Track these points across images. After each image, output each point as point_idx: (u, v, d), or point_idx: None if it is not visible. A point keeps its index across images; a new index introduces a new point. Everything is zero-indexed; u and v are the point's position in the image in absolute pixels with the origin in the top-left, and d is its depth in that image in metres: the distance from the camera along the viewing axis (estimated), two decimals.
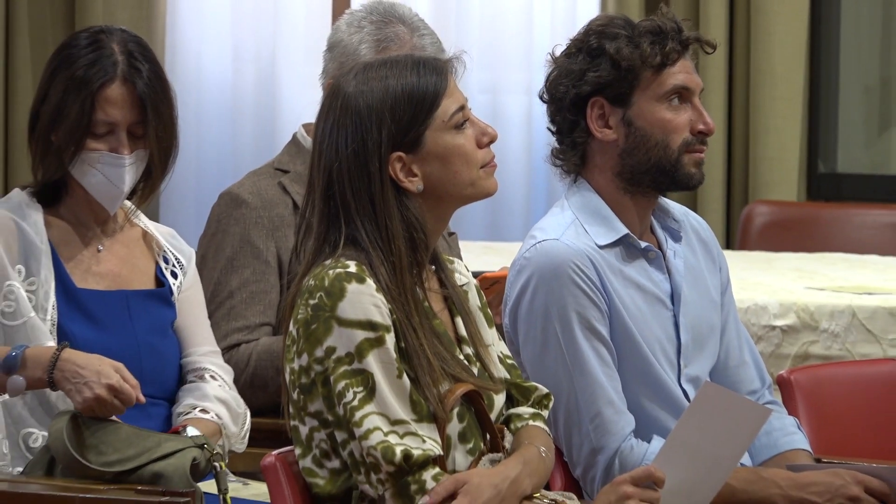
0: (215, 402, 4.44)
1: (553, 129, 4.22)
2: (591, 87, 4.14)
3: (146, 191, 4.50)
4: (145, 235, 4.51)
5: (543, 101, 4.23)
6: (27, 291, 4.33)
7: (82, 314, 4.37)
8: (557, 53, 4.22)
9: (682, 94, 4.15)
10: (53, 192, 4.42)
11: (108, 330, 4.35)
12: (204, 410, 4.41)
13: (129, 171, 4.39)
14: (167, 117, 4.42)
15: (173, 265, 4.50)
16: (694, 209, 4.90)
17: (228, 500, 4.12)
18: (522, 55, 7.04)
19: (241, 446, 4.46)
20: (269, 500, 3.83)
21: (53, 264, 4.36)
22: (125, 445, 4.14)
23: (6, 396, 4.23)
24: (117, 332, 4.32)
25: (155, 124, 4.39)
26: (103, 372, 4.15)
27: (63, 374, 4.16)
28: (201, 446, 4.12)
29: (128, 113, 4.38)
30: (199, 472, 4.10)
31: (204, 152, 7.16)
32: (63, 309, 4.36)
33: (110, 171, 4.37)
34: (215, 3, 7.26)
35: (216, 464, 4.13)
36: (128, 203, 4.49)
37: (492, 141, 3.87)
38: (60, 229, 4.41)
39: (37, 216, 4.38)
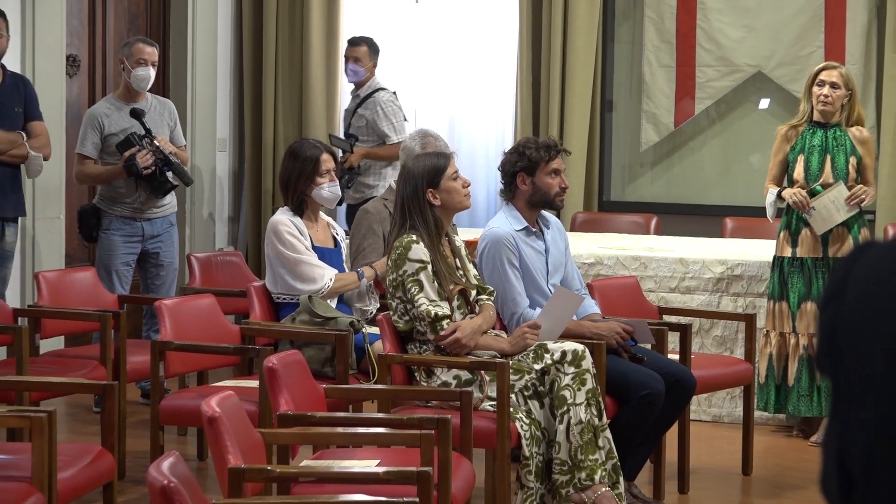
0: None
1: (502, 183, 3.99)
2: (518, 168, 3.90)
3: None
4: (328, 224, 4.27)
5: (499, 171, 3.99)
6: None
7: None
8: (503, 153, 4.00)
9: (556, 172, 3.91)
10: (297, 208, 4.12)
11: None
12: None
13: (339, 187, 4.19)
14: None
15: (340, 238, 4.27)
16: (557, 217, 4.64)
17: (365, 333, 3.91)
18: (487, 153, 6.76)
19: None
20: (379, 334, 3.63)
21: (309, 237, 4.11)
22: (328, 312, 3.94)
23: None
24: None
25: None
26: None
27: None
28: (357, 320, 3.93)
29: (333, 164, 4.16)
30: (354, 328, 3.88)
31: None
32: None
33: (333, 189, 4.13)
34: None
35: (363, 328, 3.94)
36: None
37: (468, 186, 3.70)
38: (307, 223, 4.13)
39: (297, 217, 4.10)
